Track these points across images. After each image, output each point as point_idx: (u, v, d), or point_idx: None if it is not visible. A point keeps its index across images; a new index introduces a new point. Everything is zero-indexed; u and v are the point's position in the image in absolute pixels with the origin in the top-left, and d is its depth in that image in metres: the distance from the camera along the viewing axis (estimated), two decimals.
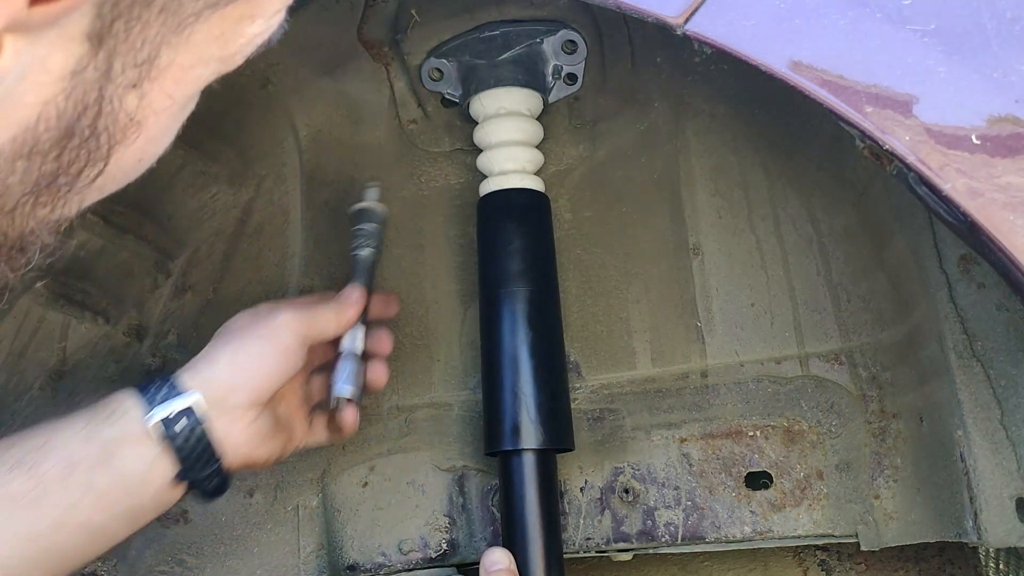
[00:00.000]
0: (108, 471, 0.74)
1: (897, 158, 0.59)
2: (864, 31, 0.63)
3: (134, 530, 0.79)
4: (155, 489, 0.77)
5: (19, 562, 0.72)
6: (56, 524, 0.73)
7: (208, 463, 0.78)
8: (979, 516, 0.80)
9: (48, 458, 0.73)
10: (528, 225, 1.00)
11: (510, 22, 1.00)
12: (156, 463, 0.76)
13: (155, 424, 0.76)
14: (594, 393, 1.05)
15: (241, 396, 0.80)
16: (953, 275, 0.84)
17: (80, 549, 0.76)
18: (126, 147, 0.45)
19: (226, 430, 0.79)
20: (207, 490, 0.81)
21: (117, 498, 0.75)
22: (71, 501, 0.73)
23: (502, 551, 0.89)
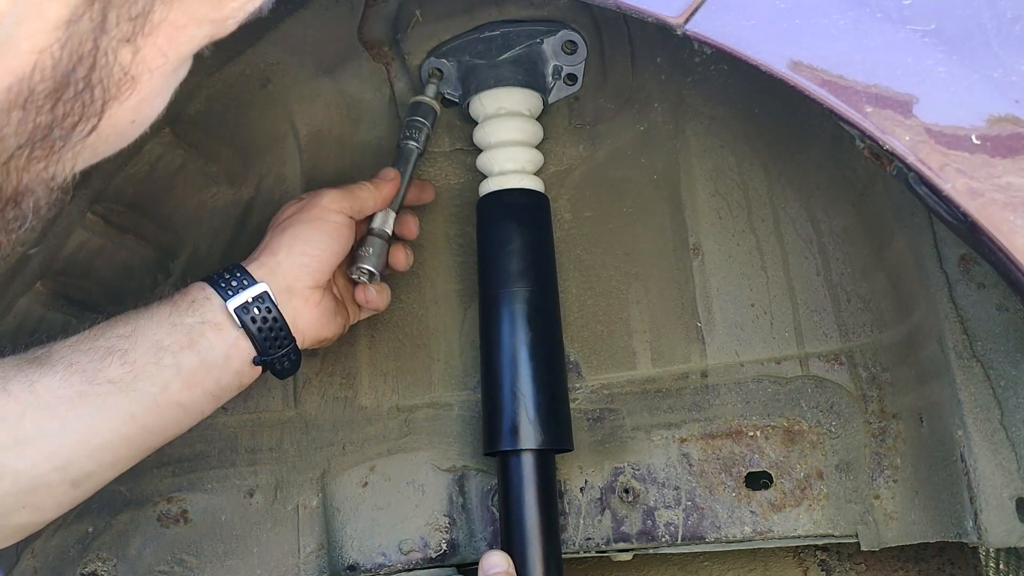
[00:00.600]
0: (193, 354, 0.81)
1: (897, 158, 0.59)
2: (864, 31, 0.63)
3: (218, 407, 0.87)
4: (236, 370, 0.84)
5: (120, 440, 0.79)
6: (150, 404, 0.79)
7: (282, 344, 0.86)
8: (979, 516, 0.80)
9: (138, 345, 0.80)
10: (528, 225, 1.00)
11: (510, 22, 1.00)
12: (236, 346, 0.83)
13: (233, 311, 0.83)
14: (594, 393, 1.05)
15: (305, 280, 0.88)
16: (953, 275, 0.84)
17: (171, 426, 0.83)
18: (120, 104, 0.45)
19: (296, 313, 0.87)
20: (282, 370, 0.88)
21: (202, 379, 0.82)
22: (163, 383, 0.80)
23: (500, 554, 0.89)
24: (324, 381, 1.09)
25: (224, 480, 1.07)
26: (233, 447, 1.07)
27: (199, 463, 1.07)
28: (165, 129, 0.97)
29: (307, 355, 1.08)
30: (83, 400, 0.77)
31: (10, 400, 0.75)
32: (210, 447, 1.07)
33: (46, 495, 0.77)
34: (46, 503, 0.78)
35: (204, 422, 1.06)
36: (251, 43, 0.96)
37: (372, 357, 1.09)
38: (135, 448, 0.81)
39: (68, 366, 0.78)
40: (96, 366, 0.78)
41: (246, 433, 1.08)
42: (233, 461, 1.07)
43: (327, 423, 1.08)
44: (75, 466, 0.77)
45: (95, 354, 0.79)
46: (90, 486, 0.80)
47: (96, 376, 0.78)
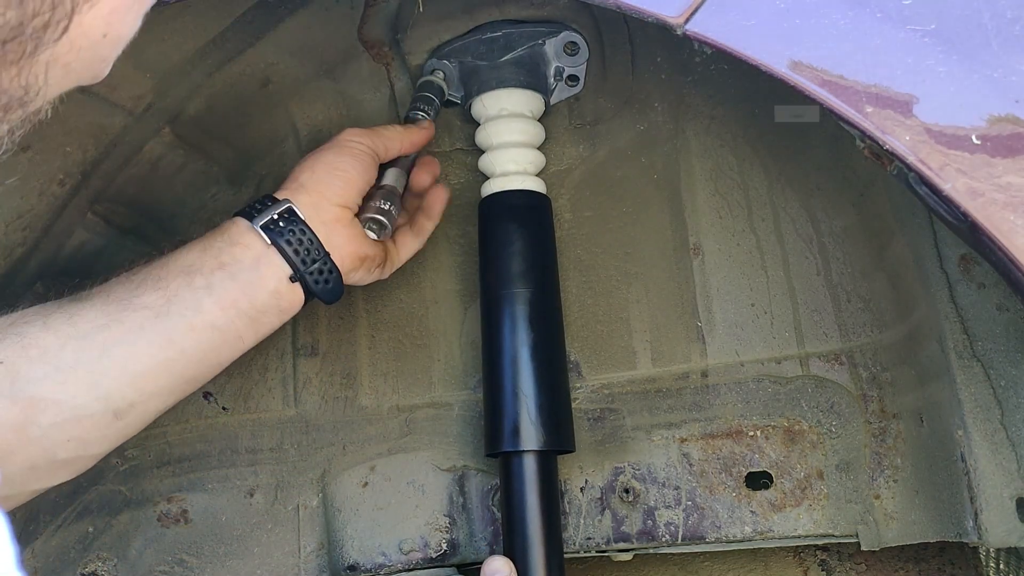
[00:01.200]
0: (225, 274, 0.81)
1: (897, 158, 0.59)
2: (864, 31, 0.63)
3: (259, 334, 0.85)
4: (271, 289, 0.83)
5: (159, 367, 0.79)
6: (186, 328, 0.80)
7: (316, 258, 0.85)
8: (979, 516, 0.80)
9: (170, 272, 0.81)
10: (530, 227, 1.00)
11: (512, 23, 1.00)
12: (267, 262, 0.83)
13: (260, 227, 0.83)
14: (594, 393, 1.06)
15: (331, 197, 0.87)
16: (953, 275, 0.84)
17: (209, 352, 0.82)
18: (90, 8, 0.45)
19: (328, 230, 0.86)
20: (323, 289, 0.86)
21: (236, 298, 0.81)
22: (196, 304, 0.80)
23: (503, 559, 0.89)
24: (324, 381, 1.09)
25: (224, 480, 1.07)
26: (233, 447, 1.07)
27: (199, 463, 1.07)
28: (165, 129, 0.97)
29: (307, 355, 1.09)
30: (119, 327, 0.77)
31: (49, 333, 0.76)
32: (210, 447, 1.07)
33: (90, 427, 0.77)
34: (91, 435, 0.78)
35: (204, 422, 1.07)
36: (251, 43, 0.96)
37: (372, 357, 1.09)
38: (175, 377, 0.81)
39: (105, 296, 0.79)
40: (131, 294, 0.79)
41: (246, 433, 1.08)
42: (233, 461, 1.07)
43: (327, 423, 1.08)
44: (116, 395, 0.78)
45: (130, 284, 0.80)
46: (133, 418, 0.80)
47: (131, 303, 0.79)
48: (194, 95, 0.97)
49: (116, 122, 0.92)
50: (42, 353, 0.75)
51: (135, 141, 0.96)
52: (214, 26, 0.91)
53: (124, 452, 1.06)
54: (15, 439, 0.74)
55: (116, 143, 0.93)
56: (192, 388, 0.85)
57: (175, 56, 0.91)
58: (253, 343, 0.86)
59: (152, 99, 0.93)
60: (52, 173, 0.90)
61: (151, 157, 0.98)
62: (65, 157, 0.90)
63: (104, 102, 0.89)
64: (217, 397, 1.08)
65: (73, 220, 0.95)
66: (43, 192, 0.90)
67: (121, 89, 0.89)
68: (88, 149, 0.91)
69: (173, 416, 1.07)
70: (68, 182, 0.92)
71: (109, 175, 0.96)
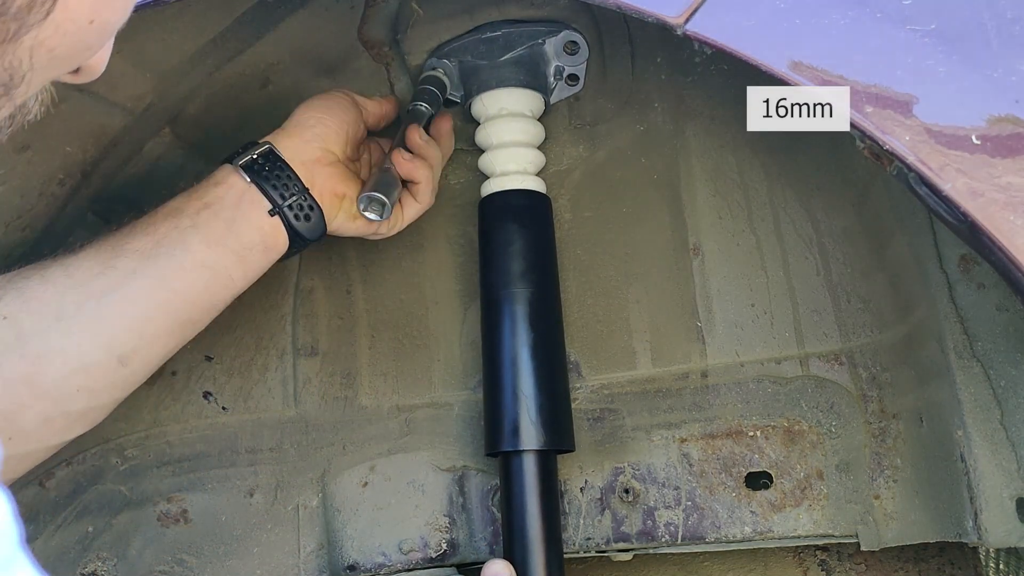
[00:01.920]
0: (209, 211, 0.84)
1: (897, 158, 0.59)
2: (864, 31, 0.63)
3: (248, 274, 0.88)
4: (255, 225, 0.86)
5: (156, 309, 0.82)
6: (176, 267, 0.82)
7: (294, 193, 0.88)
8: (979, 516, 0.80)
9: (158, 218, 0.83)
10: (530, 227, 1.00)
11: (512, 23, 1.00)
12: (248, 197, 0.86)
13: (239, 166, 0.86)
14: (594, 393, 1.06)
15: (309, 139, 0.90)
16: (953, 275, 0.84)
17: (203, 292, 0.84)
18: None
19: (306, 168, 0.89)
20: (304, 227, 0.89)
21: (222, 235, 0.84)
22: (184, 243, 0.82)
23: (503, 563, 0.89)
24: (324, 381, 1.09)
25: (224, 480, 1.07)
26: (233, 447, 1.07)
27: (199, 463, 1.07)
28: (165, 129, 0.97)
29: (307, 355, 1.09)
30: (113, 272, 0.80)
31: (48, 285, 0.78)
32: (210, 447, 1.07)
33: (98, 375, 0.80)
34: (99, 384, 0.80)
35: (204, 422, 1.07)
36: (251, 43, 0.96)
37: (372, 357, 1.09)
38: (172, 319, 0.83)
39: (97, 246, 0.81)
40: (122, 241, 0.82)
41: (246, 433, 1.08)
42: (233, 461, 1.07)
43: (327, 423, 1.08)
44: (119, 341, 0.80)
45: (120, 233, 0.83)
46: (138, 364, 0.83)
47: (122, 249, 0.81)
48: (194, 95, 0.97)
49: (116, 122, 0.92)
50: (43, 305, 0.77)
51: (135, 141, 0.96)
52: (214, 26, 0.91)
53: (124, 452, 1.06)
54: (27, 393, 0.76)
55: (116, 143, 0.93)
56: (191, 332, 0.87)
57: (175, 56, 0.91)
58: (243, 284, 0.88)
59: (152, 99, 0.93)
60: (52, 173, 0.90)
61: (151, 157, 0.98)
62: (65, 157, 0.90)
63: (104, 102, 0.89)
64: (217, 397, 1.08)
65: (72, 220, 0.95)
66: (43, 192, 0.90)
67: (121, 89, 0.89)
68: (88, 149, 0.91)
69: (173, 416, 1.07)
70: (68, 182, 0.92)
71: (109, 175, 0.96)
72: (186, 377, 1.07)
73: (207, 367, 1.08)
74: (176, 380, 1.07)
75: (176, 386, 1.07)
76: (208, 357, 1.08)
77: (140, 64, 0.89)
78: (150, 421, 1.06)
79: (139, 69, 0.89)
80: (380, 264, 1.10)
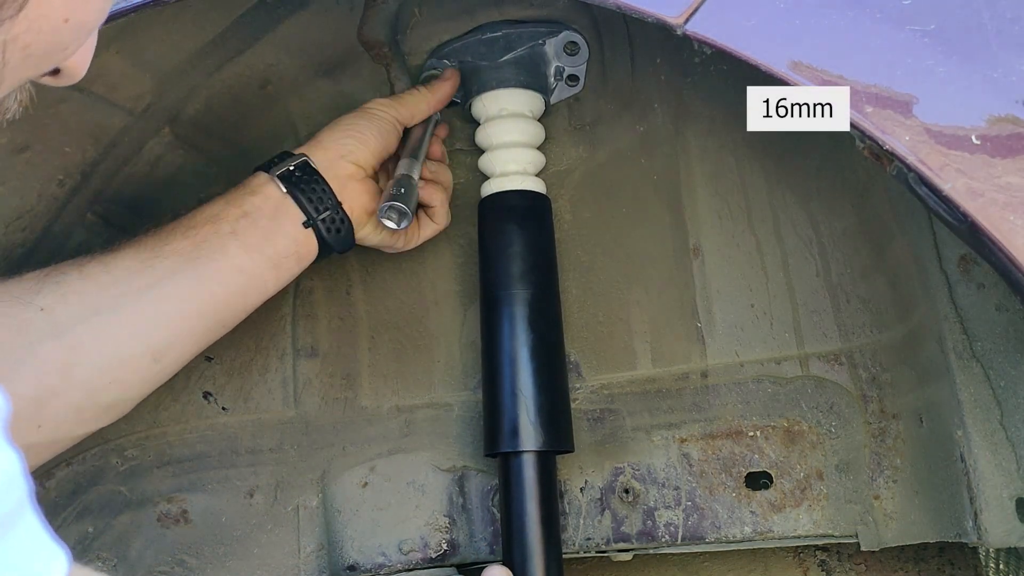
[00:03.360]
0: (247, 220, 0.87)
1: (897, 158, 0.59)
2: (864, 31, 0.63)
3: (280, 280, 0.90)
4: (289, 235, 0.89)
5: (192, 309, 0.84)
6: (214, 270, 0.84)
7: (328, 207, 0.91)
8: (979, 516, 0.80)
9: (197, 221, 0.86)
10: (530, 227, 1.00)
11: (511, 23, 1.00)
12: (283, 206, 0.89)
13: (276, 176, 0.89)
14: (594, 393, 1.05)
15: (344, 154, 0.93)
16: (953, 276, 0.84)
17: (237, 295, 0.87)
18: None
19: (341, 184, 0.92)
20: (335, 239, 0.92)
21: (258, 242, 0.87)
22: (223, 248, 0.85)
23: (502, 569, 0.89)
24: (324, 382, 1.09)
25: (224, 481, 1.07)
26: (234, 448, 1.07)
27: (199, 463, 1.07)
28: (165, 129, 0.97)
29: (307, 356, 1.09)
30: (152, 272, 0.82)
31: (86, 280, 0.80)
32: (211, 448, 1.07)
33: (131, 369, 0.82)
34: (131, 378, 0.82)
35: (204, 423, 1.07)
36: (251, 44, 0.96)
37: (372, 358, 1.09)
38: (207, 319, 0.86)
39: (137, 246, 0.83)
40: (162, 242, 0.84)
41: (247, 434, 1.08)
42: (234, 462, 1.07)
43: (327, 424, 1.08)
44: (154, 337, 0.82)
45: (160, 234, 0.85)
46: (169, 361, 0.85)
47: (162, 250, 0.83)
48: (193, 95, 0.97)
49: (115, 122, 0.92)
50: (81, 299, 0.79)
51: (134, 141, 0.95)
52: (214, 26, 0.91)
53: (124, 452, 1.06)
54: (60, 381, 0.77)
55: (115, 143, 0.93)
56: (222, 331, 0.89)
57: (174, 56, 0.91)
58: (275, 289, 0.91)
59: (151, 99, 0.93)
60: (51, 173, 0.90)
61: (150, 157, 0.98)
62: (64, 157, 0.90)
63: (103, 102, 0.89)
64: (217, 397, 1.08)
65: (72, 221, 0.95)
66: (42, 192, 0.90)
67: (120, 89, 0.89)
68: (87, 149, 0.91)
69: (173, 416, 1.07)
70: (67, 182, 0.92)
71: (108, 175, 0.96)
72: (186, 377, 1.07)
73: (207, 367, 1.08)
74: (176, 380, 1.07)
75: (176, 386, 1.07)
76: (208, 357, 1.08)
77: (140, 64, 0.89)
78: (150, 421, 1.06)
79: (139, 69, 0.89)
80: (380, 265, 1.10)
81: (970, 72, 0.60)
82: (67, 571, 0.44)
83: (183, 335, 0.85)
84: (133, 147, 0.96)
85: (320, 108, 1.07)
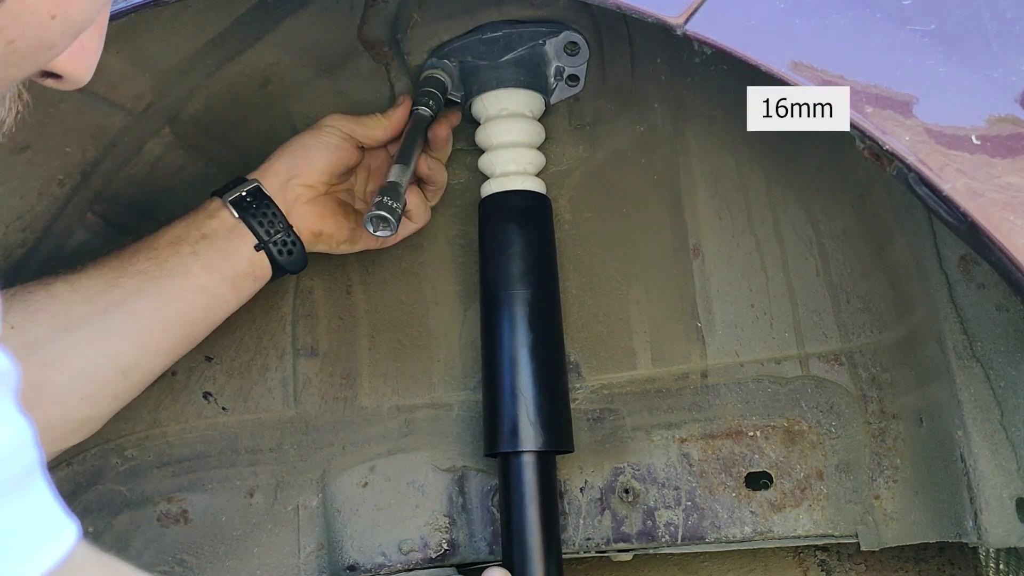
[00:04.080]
0: (207, 242, 0.90)
1: (897, 158, 0.59)
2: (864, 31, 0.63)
3: (240, 298, 0.93)
4: (246, 257, 0.92)
5: (158, 326, 0.87)
6: (178, 289, 0.87)
7: (279, 230, 0.94)
8: (979, 516, 0.80)
9: (160, 243, 0.89)
10: (529, 228, 1.00)
11: (512, 23, 1.00)
12: (237, 230, 0.92)
13: (229, 202, 0.92)
14: (594, 393, 1.05)
15: (296, 176, 0.96)
16: (953, 276, 0.84)
17: (199, 312, 0.90)
18: None
19: (289, 205, 0.95)
20: (286, 260, 0.95)
21: (218, 263, 0.90)
22: (185, 268, 0.88)
23: (501, 571, 0.89)
24: (324, 381, 1.09)
25: (224, 480, 1.07)
26: (233, 447, 1.07)
27: (199, 463, 1.07)
28: (165, 129, 0.97)
29: (307, 355, 1.09)
30: (118, 290, 0.84)
31: (54, 299, 0.82)
32: (210, 447, 1.07)
33: (101, 385, 0.84)
34: (101, 393, 0.84)
35: (204, 422, 1.07)
36: (251, 43, 0.96)
37: (372, 358, 1.09)
38: (173, 337, 0.89)
39: (101, 266, 0.86)
40: (127, 262, 0.86)
41: (246, 433, 1.08)
42: (233, 461, 1.07)
43: (327, 423, 1.08)
44: (122, 354, 0.85)
45: (123, 255, 0.87)
46: (138, 377, 0.87)
47: (127, 269, 0.86)
48: (193, 95, 0.97)
49: (115, 122, 0.92)
50: (50, 317, 0.81)
51: (134, 141, 0.95)
52: (214, 26, 0.91)
53: (124, 452, 1.06)
54: (33, 397, 0.77)
55: (115, 143, 0.93)
56: (188, 347, 0.92)
57: (175, 56, 0.91)
58: (236, 306, 0.94)
59: (151, 99, 0.93)
60: (51, 173, 0.90)
61: (150, 157, 0.98)
62: (64, 157, 0.90)
63: (103, 102, 0.89)
64: (217, 397, 1.08)
65: (72, 220, 0.95)
66: (42, 192, 0.90)
67: (121, 89, 0.89)
68: (87, 149, 0.91)
69: (173, 416, 1.07)
70: (67, 182, 0.92)
71: (108, 175, 0.96)
72: (186, 377, 1.07)
73: (207, 367, 1.08)
74: (176, 380, 1.07)
75: (176, 386, 1.07)
76: (208, 357, 1.08)
77: (140, 64, 0.89)
78: (150, 421, 1.06)
79: (139, 69, 0.89)
80: (380, 265, 1.10)
81: (970, 72, 0.60)
82: (76, 542, 0.44)
83: (150, 351, 0.87)
84: (133, 147, 0.96)
85: (320, 108, 1.07)
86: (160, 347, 0.88)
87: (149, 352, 0.87)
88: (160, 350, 0.88)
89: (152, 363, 0.88)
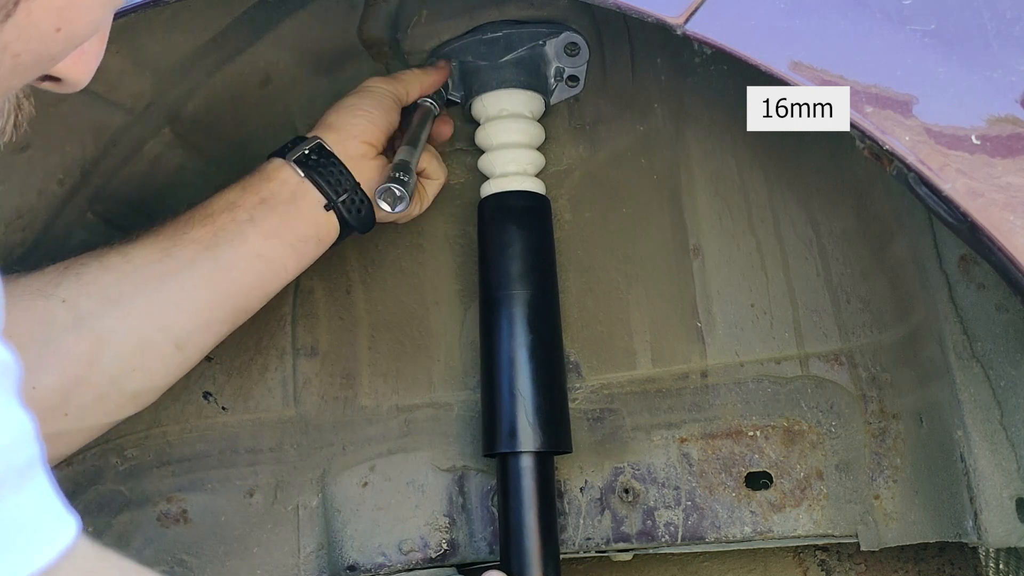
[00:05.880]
0: (265, 207, 0.87)
1: (897, 158, 0.59)
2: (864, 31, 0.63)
3: (300, 264, 0.91)
4: (309, 218, 0.89)
5: (214, 297, 0.85)
6: (234, 257, 0.85)
7: (347, 188, 0.91)
8: (979, 516, 0.80)
9: (215, 209, 0.86)
10: (529, 228, 1.00)
11: (512, 23, 1.00)
12: (302, 192, 0.89)
13: (293, 161, 0.89)
14: (594, 393, 1.05)
15: (356, 134, 0.93)
16: (953, 276, 0.84)
17: (256, 282, 0.88)
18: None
19: (354, 162, 0.92)
20: (356, 219, 0.92)
21: (278, 228, 0.87)
22: (242, 235, 0.85)
23: (499, 575, 0.89)
24: (324, 381, 1.09)
25: (224, 480, 1.07)
26: (233, 447, 1.07)
27: (199, 463, 1.07)
28: (165, 129, 0.97)
29: (307, 355, 1.09)
30: (172, 260, 0.82)
31: (106, 271, 0.80)
32: (210, 447, 1.07)
33: (154, 357, 0.82)
34: (154, 366, 0.83)
35: (204, 422, 1.07)
36: (251, 42, 0.96)
37: (372, 357, 1.09)
38: (228, 306, 0.86)
39: (155, 235, 0.84)
40: (180, 231, 0.84)
41: (246, 433, 1.08)
42: (233, 461, 1.07)
43: (327, 423, 1.08)
44: (177, 325, 0.83)
45: (178, 223, 0.85)
46: (192, 350, 0.85)
47: (181, 238, 0.83)
48: (193, 94, 0.97)
49: (115, 121, 0.92)
50: (102, 289, 0.79)
51: (134, 140, 0.96)
52: (213, 25, 0.91)
53: (124, 452, 1.06)
54: (85, 371, 0.78)
55: (115, 142, 0.93)
56: (244, 318, 0.90)
57: (175, 55, 0.91)
58: (295, 273, 0.91)
59: (151, 98, 0.93)
60: (51, 172, 0.90)
61: (150, 156, 0.98)
62: (64, 156, 0.90)
63: (103, 101, 0.89)
64: (217, 397, 1.08)
65: (72, 219, 0.95)
66: (42, 191, 0.90)
67: (120, 88, 0.89)
68: (87, 148, 0.91)
69: (173, 416, 1.07)
70: (67, 181, 0.92)
71: (108, 174, 0.96)
72: (186, 377, 1.07)
73: (207, 367, 1.08)
74: None
75: (176, 386, 1.06)
76: (208, 357, 1.07)
77: (140, 63, 0.89)
78: (150, 421, 1.06)
79: (139, 68, 0.89)
80: (380, 265, 1.10)
81: (970, 72, 0.60)
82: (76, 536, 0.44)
83: (205, 322, 0.85)
84: (133, 146, 0.96)
85: (320, 107, 1.07)
86: (215, 317, 0.86)
87: (204, 323, 0.85)
88: (215, 320, 0.86)
89: (207, 334, 0.86)
